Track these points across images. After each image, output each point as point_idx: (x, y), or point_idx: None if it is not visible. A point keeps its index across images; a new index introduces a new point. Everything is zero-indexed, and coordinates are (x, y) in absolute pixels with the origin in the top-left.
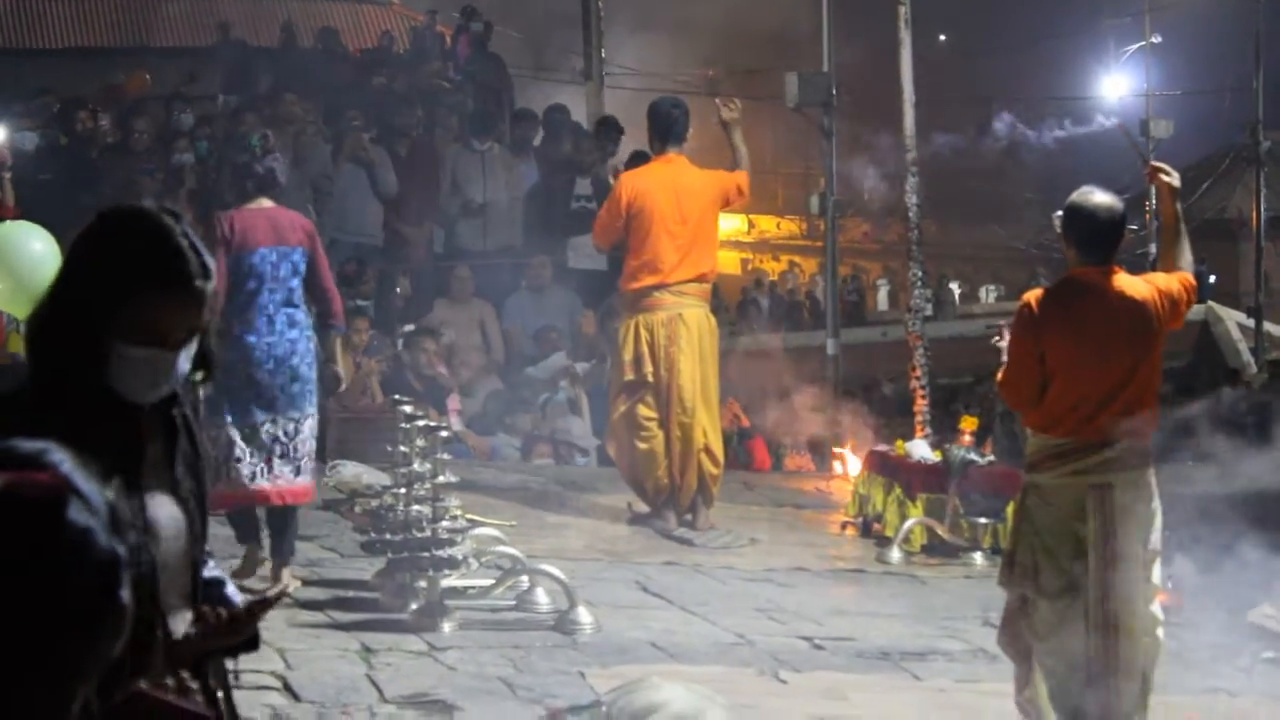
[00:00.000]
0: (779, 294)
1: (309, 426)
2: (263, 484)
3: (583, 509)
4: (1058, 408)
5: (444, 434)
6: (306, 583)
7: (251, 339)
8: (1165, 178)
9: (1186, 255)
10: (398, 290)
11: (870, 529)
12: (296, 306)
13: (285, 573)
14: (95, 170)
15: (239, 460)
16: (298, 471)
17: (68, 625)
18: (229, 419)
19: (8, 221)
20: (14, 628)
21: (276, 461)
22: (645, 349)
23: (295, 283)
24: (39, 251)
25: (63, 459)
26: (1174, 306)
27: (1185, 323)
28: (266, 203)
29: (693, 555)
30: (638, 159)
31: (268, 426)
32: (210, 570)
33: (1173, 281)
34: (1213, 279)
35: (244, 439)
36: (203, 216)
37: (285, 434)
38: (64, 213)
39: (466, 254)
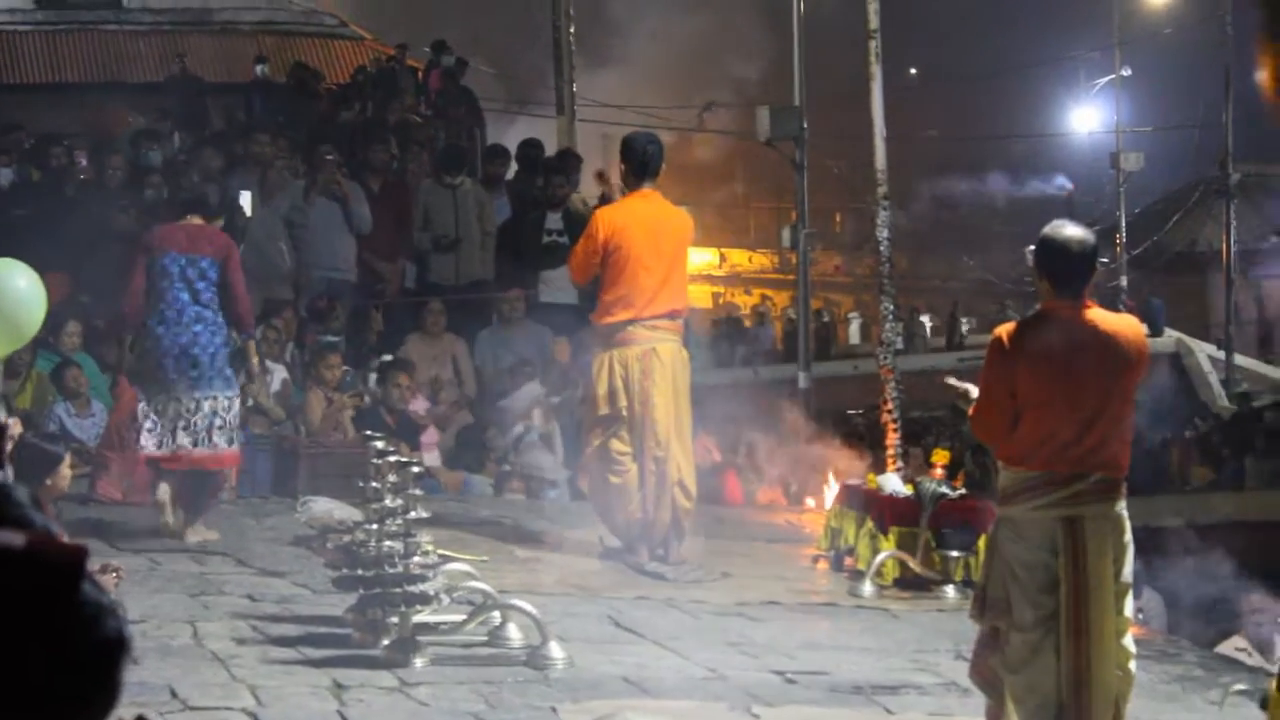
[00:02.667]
0: (749, 328)
1: (209, 406)
2: (164, 451)
3: (554, 544)
4: (1029, 441)
5: (416, 469)
6: (278, 619)
7: (160, 330)
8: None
9: None
10: (371, 325)
11: (842, 562)
12: (204, 306)
13: (191, 529)
14: (70, 206)
15: (149, 430)
16: (196, 443)
17: (63, 699)
18: (141, 395)
19: None
20: (7, 689)
21: (179, 433)
22: (620, 383)
23: (202, 285)
24: (23, 289)
25: (22, 494)
26: (1144, 354)
27: (1155, 355)
28: (195, 219)
29: (665, 590)
30: (607, 196)
31: (172, 404)
32: None
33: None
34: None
35: (155, 412)
36: None
37: (186, 411)
38: (38, 249)
39: (439, 289)
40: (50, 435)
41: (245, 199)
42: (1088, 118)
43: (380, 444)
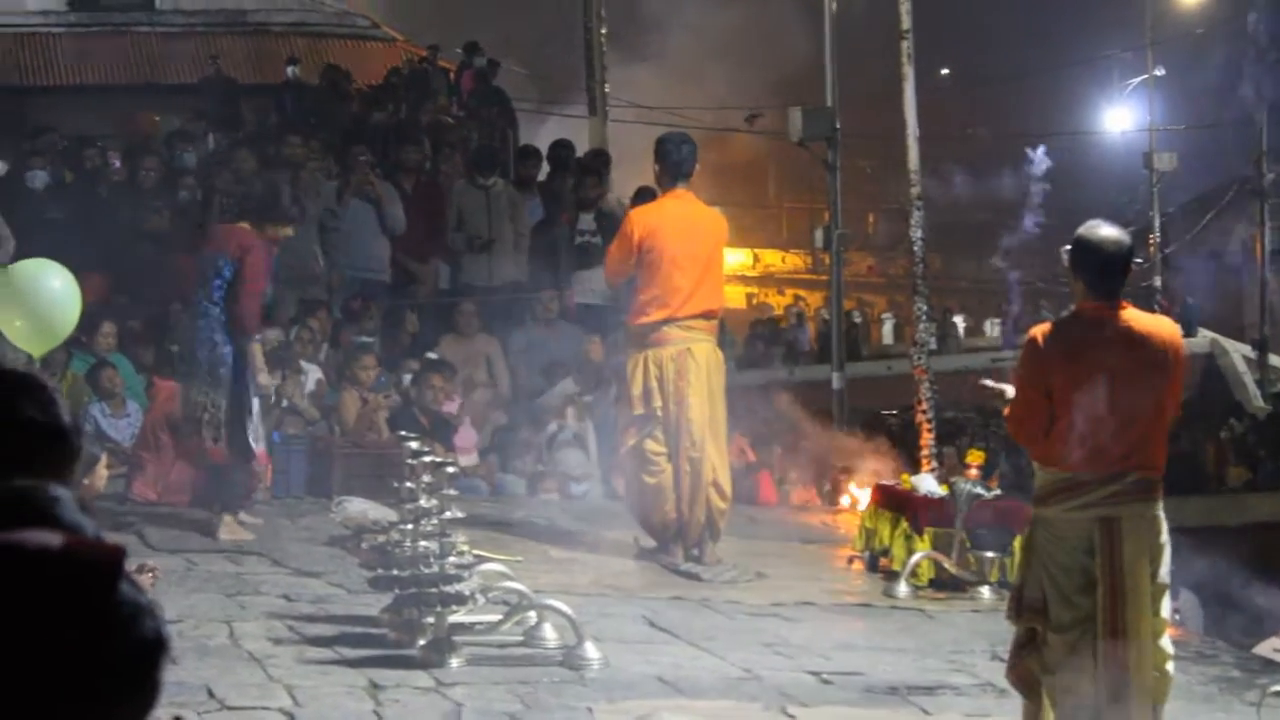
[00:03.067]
0: (785, 328)
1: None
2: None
3: (589, 544)
4: (1065, 442)
5: (451, 469)
6: (314, 619)
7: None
8: None
9: None
10: (405, 326)
11: (877, 563)
12: (212, 303)
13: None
14: (103, 208)
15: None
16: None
17: (103, 698)
18: None
19: (28, 259)
20: (50, 690)
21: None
22: (654, 383)
23: (217, 283)
24: (58, 289)
25: (62, 496)
26: (1180, 356)
27: (1191, 355)
28: (244, 224)
29: (700, 590)
30: (643, 196)
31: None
32: None
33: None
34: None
35: None
36: (188, 251)
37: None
38: (73, 250)
39: (473, 290)
40: (84, 435)
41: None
42: (1121, 118)
43: (415, 444)
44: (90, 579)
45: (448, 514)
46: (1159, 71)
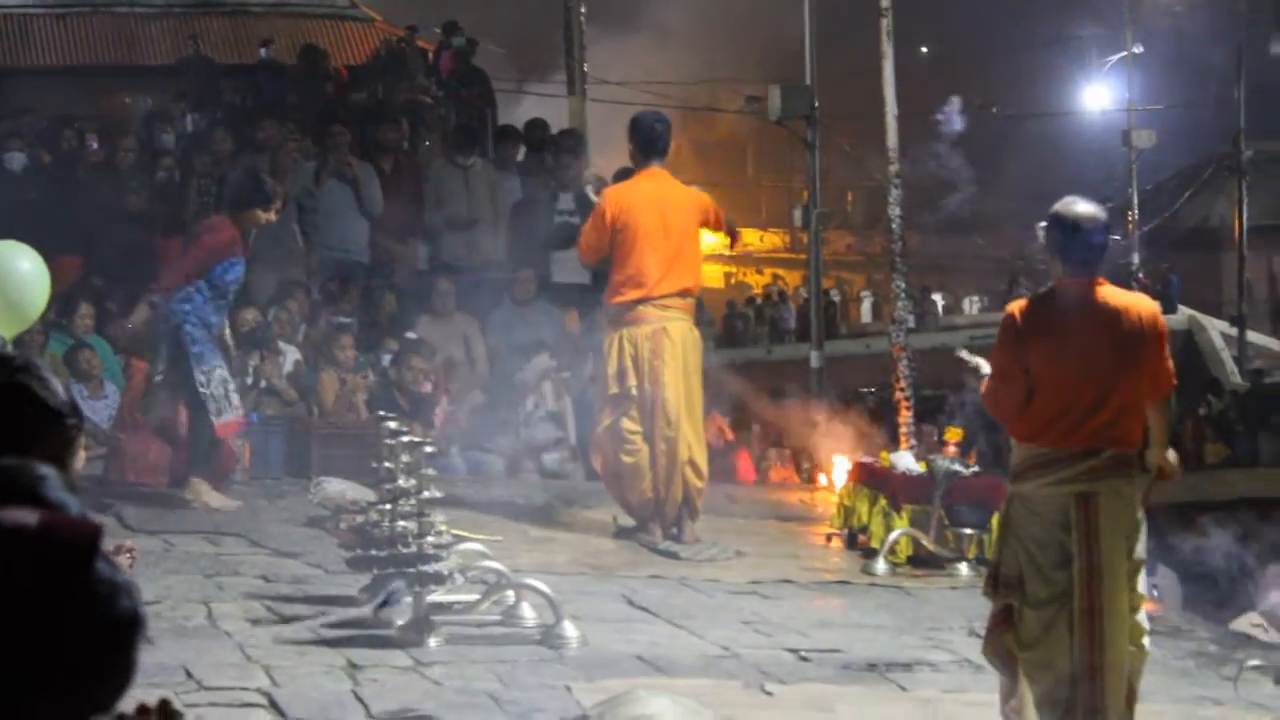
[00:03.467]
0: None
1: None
2: None
3: (568, 523)
4: (1042, 418)
5: (429, 450)
6: (292, 599)
7: None
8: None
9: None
10: (383, 307)
11: (855, 541)
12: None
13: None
14: (81, 189)
15: None
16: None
17: (78, 674)
18: None
19: None
20: (26, 665)
21: None
22: (629, 362)
23: (220, 273)
24: (26, 271)
25: (48, 474)
26: (1159, 334)
27: (1170, 331)
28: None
29: (678, 568)
30: (623, 176)
31: None
32: None
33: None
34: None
35: None
36: (165, 233)
37: None
38: (50, 232)
39: (451, 269)
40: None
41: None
42: (1099, 95)
43: (393, 424)
44: (67, 557)
45: (426, 494)
46: (1137, 49)
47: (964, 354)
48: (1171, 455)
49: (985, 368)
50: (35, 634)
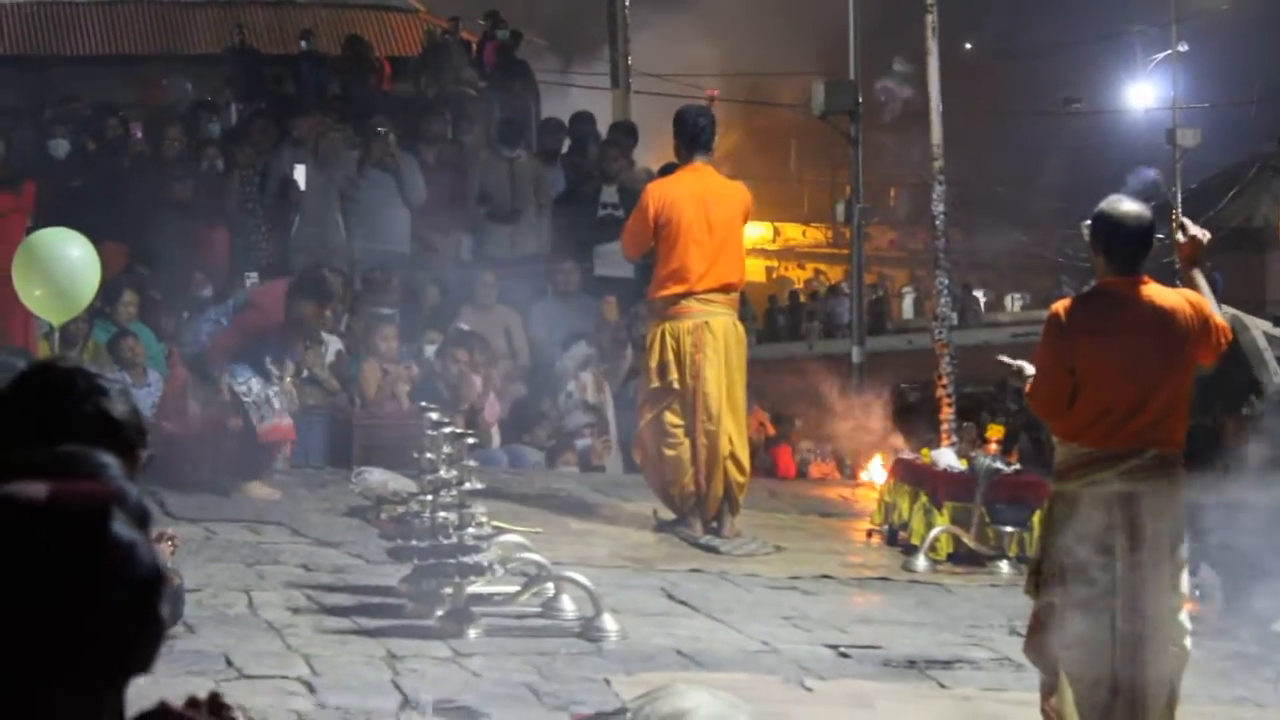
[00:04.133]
0: (823, 300)
1: None
2: None
3: (608, 516)
4: (1085, 417)
5: (470, 440)
6: (333, 589)
7: None
8: (1190, 235)
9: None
10: (426, 298)
11: (896, 537)
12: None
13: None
14: (126, 177)
15: None
16: None
17: (105, 638)
18: None
19: (46, 228)
20: (50, 635)
21: None
22: (671, 356)
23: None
24: (76, 258)
25: (110, 462)
26: (1207, 327)
27: None
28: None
29: (718, 563)
30: (668, 171)
31: None
32: None
33: (1214, 314)
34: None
35: None
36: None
37: None
38: (95, 220)
39: (495, 261)
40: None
41: (300, 173)
42: (1144, 94)
43: (435, 415)
44: (79, 524)
45: (467, 485)
46: (1182, 48)
47: (1005, 359)
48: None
49: (1028, 369)
50: (57, 600)
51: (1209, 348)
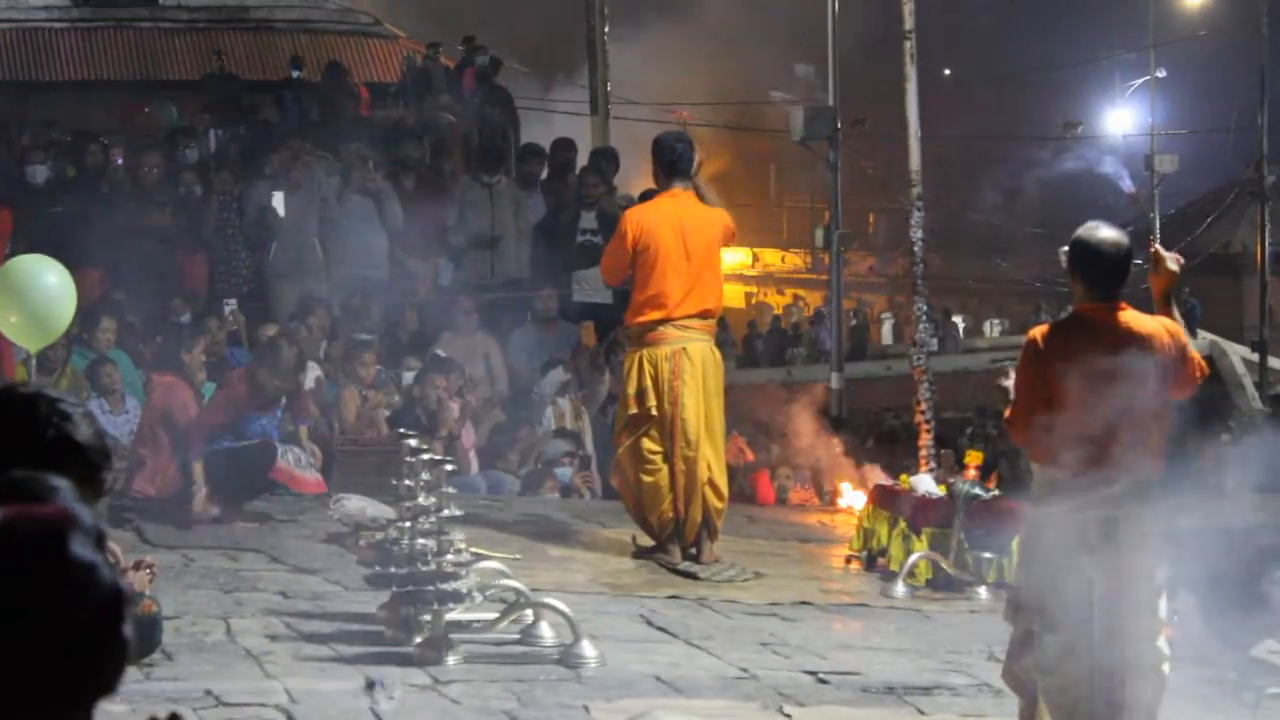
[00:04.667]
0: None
1: None
2: None
3: (587, 542)
4: (1063, 443)
5: (449, 467)
6: (311, 616)
7: None
8: (1166, 263)
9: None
10: (405, 324)
11: (875, 563)
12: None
13: None
14: (105, 203)
15: None
16: None
17: (70, 660)
18: None
19: (23, 255)
20: (16, 660)
21: None
22: (649, 383)
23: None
24: (53, 284)
25: (61, 485)
26: (1184, 357)
27: None
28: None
29: (697, 589)
30: (648, 197)
31: None
32: None
33: (1190, 346)
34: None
35: None
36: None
37: None
38: (74, 246)
39: (473, 287)
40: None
41: (278, 199)
42: (1123, 119)
43: (414, 442)
44: (36, 546)
45: (446, 512)
46: (1160, 73)
47: (1010, 370)
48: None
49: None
50: (20, 624)
51: (1185, 379)
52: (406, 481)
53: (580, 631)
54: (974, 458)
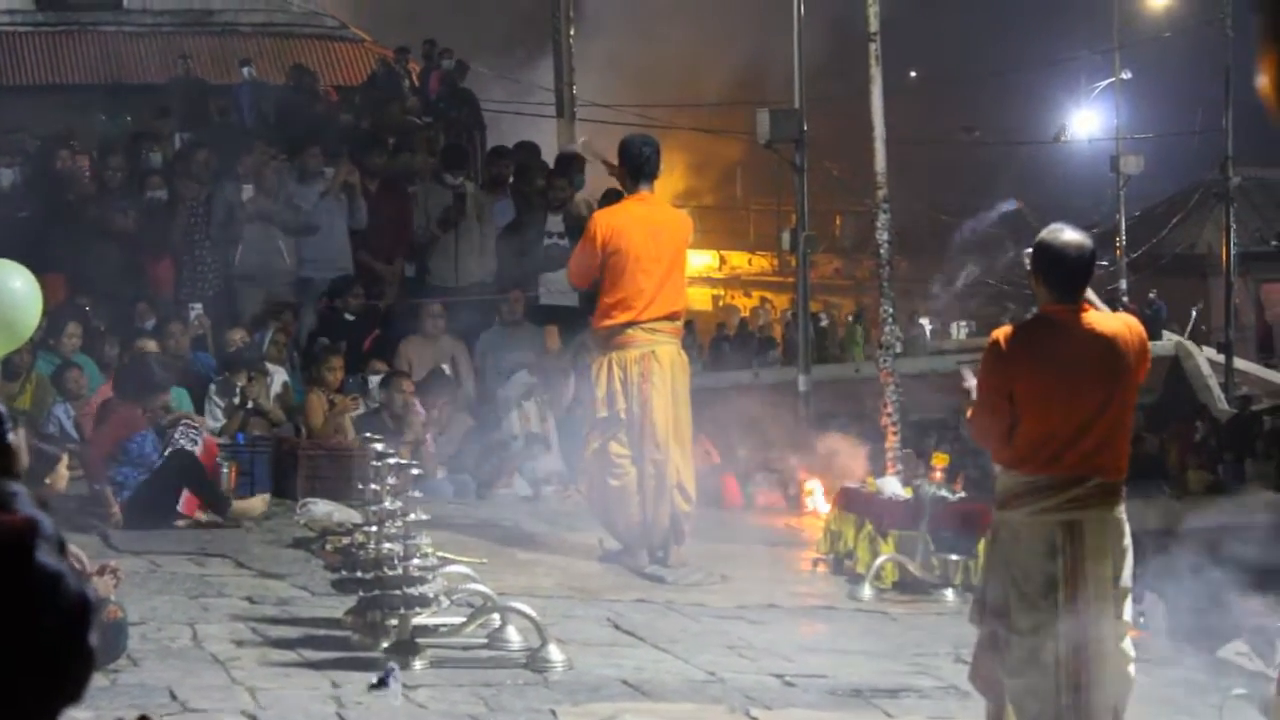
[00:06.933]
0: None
1: None
2: None
3: (554, 546)
4: (1027, 445)
5: (415, 472)
6: (277, 621)
7: None
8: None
9: None
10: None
11: (841, 566)
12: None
13: None
14: (70, 208)
15: None
16: None
17: (37, 670)
18: None
19: None
20: None
21: None
22: (618, 386)
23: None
24: (18, 289)
25: (20, 490)
26: (1145, 351)
27: (1156, 358)
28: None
29: (664, 592)
30: (612, 198)
31: None
32: None
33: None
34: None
35: None
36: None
37: None
38: (39, 250)
39: (439, 290)
40: (47, 435)
41: (246, 200)
42: (1088, 121)
43: (380, 446)
44: (3, 556)
45: (412, 516)
46: (1125, 75)
47: (966, 372)
48: None
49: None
50: None
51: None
52: (373, 486)
53: (547, 635)
54: (940, 460)
